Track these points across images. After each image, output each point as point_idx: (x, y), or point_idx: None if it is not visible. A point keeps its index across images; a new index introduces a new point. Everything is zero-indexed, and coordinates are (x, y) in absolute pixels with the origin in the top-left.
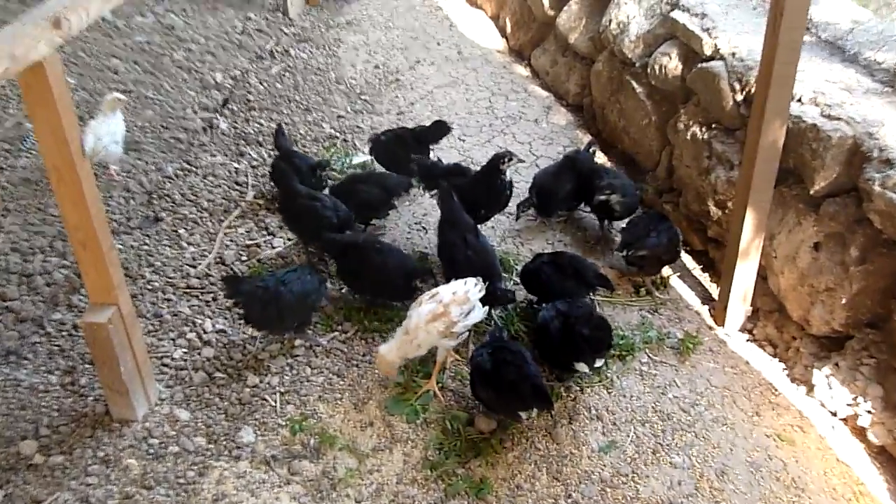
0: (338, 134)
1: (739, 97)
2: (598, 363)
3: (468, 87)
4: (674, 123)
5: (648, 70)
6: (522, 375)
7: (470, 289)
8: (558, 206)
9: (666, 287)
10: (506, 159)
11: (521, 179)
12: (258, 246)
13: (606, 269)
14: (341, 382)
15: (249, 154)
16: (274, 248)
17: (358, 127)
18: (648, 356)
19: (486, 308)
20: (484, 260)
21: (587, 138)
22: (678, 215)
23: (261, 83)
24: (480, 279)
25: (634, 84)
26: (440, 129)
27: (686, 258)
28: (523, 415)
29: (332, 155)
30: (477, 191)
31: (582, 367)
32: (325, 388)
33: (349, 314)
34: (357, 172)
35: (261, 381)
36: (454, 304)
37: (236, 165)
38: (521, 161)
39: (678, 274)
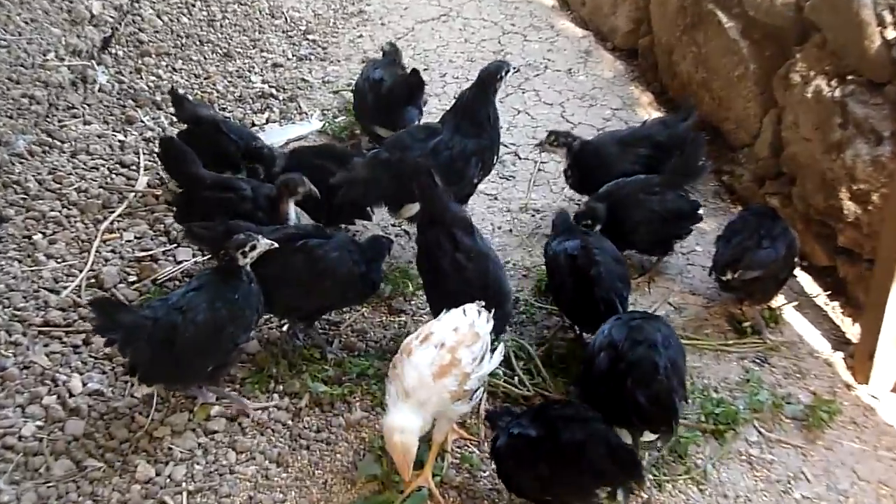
0: (274, 91)
1: (892, 34)
2: (651, 437)
3: (467, 22)
4: (784, 75)
5: None
6: (593, 434)
7: (475, 320)
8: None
9: (777, 323)
10: (503, 73)
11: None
12: (154, 260)
13: (686, 294)
14: (284, 475)
15: (141, 121)
16: (178, 263)
17: (303, 80)
18: (759, 432)
19: (501, 347)
20: (482, 269)
21: (646, 96)
22: (791, 214)
23: (158, 16)
24: (482, 303)
25: (721, 16)
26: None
27: (803, 278)
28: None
29: (267, 122)
30: (462, 139)
31: (623, 435)
32: (258, 484)
33: (295, 366)
34: (314, 145)
35: (158, 474)
36: (462, 348)
37: (122, 138)
38: (516, 70)
39: (794, 303)
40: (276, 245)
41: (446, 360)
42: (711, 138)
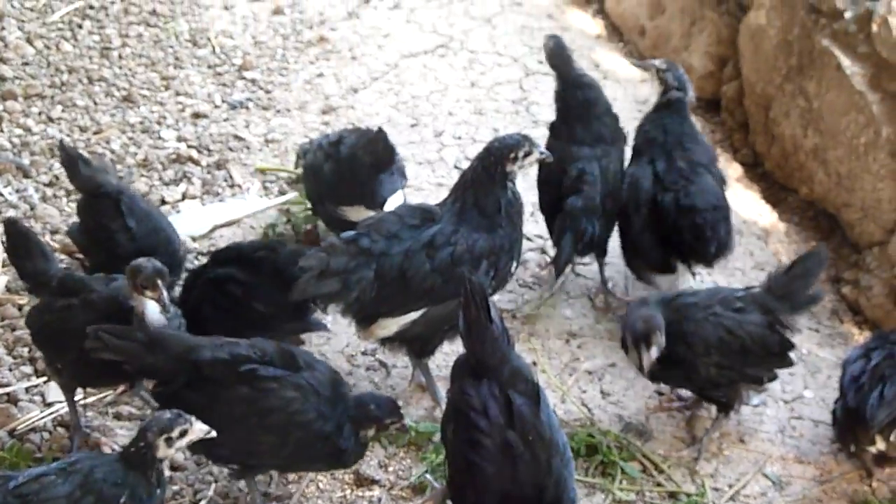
0: (195, 152)
1: None
2: None
3: (474, 56)
4: None
5: (873, 29)
6: None
7: None
8: None
9: None
10: (519, 154)
11: None
12: (13, 402)
13: (790, 461)
14: None
15: None
16: (48, 405)
17: (237, 137)
18: None
19: None
20: (541, 463)
21: (731, 168)
22: None
23: (29, 41)
24: None
25: (841, 56)
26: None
27: None
28: None
29: (183, 199)
30: (469, 232)
31: None
32: None
33: None
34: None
35: None
36: None
37: None
38: (545, 160)
39: None
40: (214, 434)
41: None
42: (825, 231)
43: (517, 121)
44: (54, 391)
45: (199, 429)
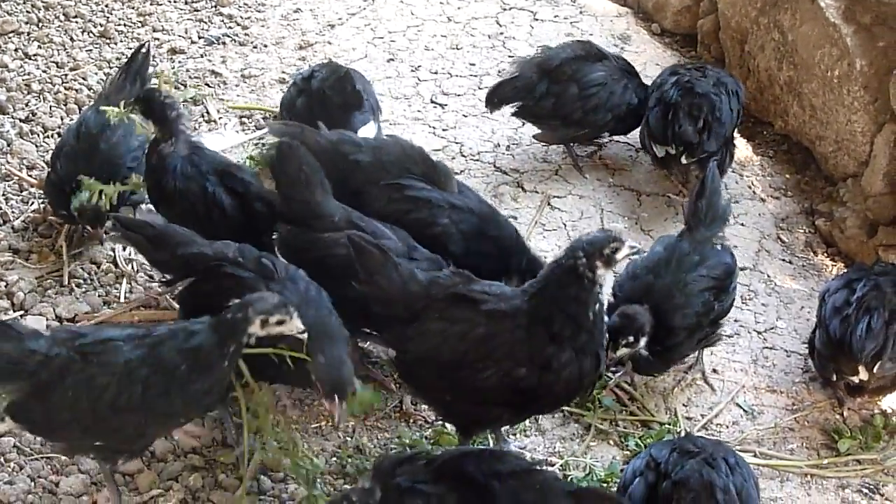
0: (171, 88)
1: None
2: None
3: None
4: None
5: None
6: None
7: None
8: None
9: (894, 435)
10: (605, 249)
11: None
12: None
13: (763, 391)
14: None
15: None
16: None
17: (214, 73)
18: None
19: None
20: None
21: None
22: None
23: None
24: None
25: None
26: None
27: None
28: None
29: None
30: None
31: None
32: None
33: None
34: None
35: None
36: None
37: None
38: (636, 253)
39: None
40: None
41: None
42: (801, 164)
43: (493, 55)
44: (31, 324)
45: None
